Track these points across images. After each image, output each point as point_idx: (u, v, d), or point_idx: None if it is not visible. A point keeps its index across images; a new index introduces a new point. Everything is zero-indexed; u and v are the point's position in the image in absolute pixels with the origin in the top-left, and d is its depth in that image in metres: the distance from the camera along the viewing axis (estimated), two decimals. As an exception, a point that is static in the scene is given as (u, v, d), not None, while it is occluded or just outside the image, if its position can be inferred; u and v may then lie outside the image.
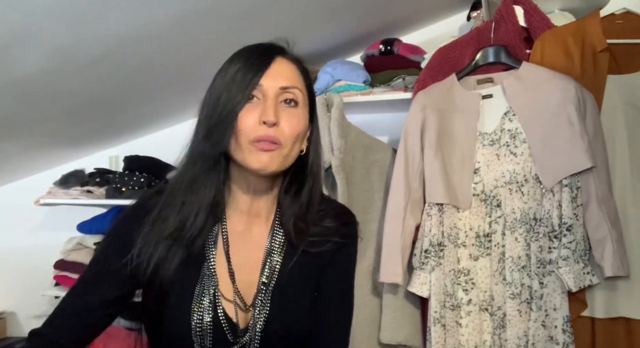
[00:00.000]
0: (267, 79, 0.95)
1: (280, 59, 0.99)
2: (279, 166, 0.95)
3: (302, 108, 0.99)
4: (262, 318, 0.97)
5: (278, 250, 1.03)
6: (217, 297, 0.97)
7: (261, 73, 0.95)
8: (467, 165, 1.76)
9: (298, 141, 0.98)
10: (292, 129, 0.95)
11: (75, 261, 2.45)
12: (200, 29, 1.73)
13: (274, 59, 0.98)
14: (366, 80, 2.15)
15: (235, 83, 0.94)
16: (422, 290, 1.76)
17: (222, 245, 1.01)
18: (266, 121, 0.92)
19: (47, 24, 1.45)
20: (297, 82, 0.98)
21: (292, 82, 0.97)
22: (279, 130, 0.94)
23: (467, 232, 1.75)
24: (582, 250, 1.61)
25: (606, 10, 1.72)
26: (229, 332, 0.96)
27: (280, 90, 0.96)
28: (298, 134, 0.97)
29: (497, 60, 1.80)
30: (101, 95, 2.04)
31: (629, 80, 1.67)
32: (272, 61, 0.97)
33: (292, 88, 0.97)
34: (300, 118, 0.97)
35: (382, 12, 2.12)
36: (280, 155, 0.95)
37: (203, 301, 0.96)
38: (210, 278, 0.98)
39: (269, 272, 1.01)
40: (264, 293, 0.99)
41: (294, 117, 0.96)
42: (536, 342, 1.62)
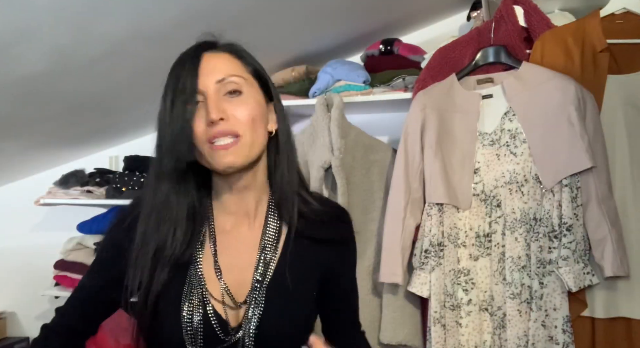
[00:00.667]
0: (201, 78, 0.94)
1: (208, 55, 0.97)
2: (245, 158, 0.95)
3: (248, 92, 0.97)
4: (257, 315, 0.96)
5: (271, 247, 1.02)
6: (205, 297, 0.97)
7: (194, 76, 0.94)
8: (467, 165, 1.76)
9: (257, 125, 0.96)
10: (244, 115, 0.94)
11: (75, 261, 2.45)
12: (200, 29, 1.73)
13: (202, 57, 0.96)
14: (366, 80, 2.15)
15: (176, 96, 0.94)
16: (422, 290, 1.76)
17: (210, 246, 1.01)
18: (211, 120, 0.91)
19: (47, 23, 1.45)
20: (233, 69, 0.97)
21: (226, 72, 0.95)
22: (231, 123, 0.93)
23: (467, 232, 1.75)
24: (582, 250, 1.61)
25: (606, 10, 1.72)
26: (220, 331, 0.96)
27: (217, 85, 0.94)
28: (253, 119, 0.95)
29: (497, 60, 1.81)
30: (101, 95, 2.04)
31: (629, 80, 1.67)
32: (200, 60, 0.96)
33: (229, 77, 0.95)
34: (249, 103, 0.96)
35: (382, 12, 2.12)
36: (242, 146, 0.93)
37: (192, 301, 0.96)
38: (198, 279, 0.98)
39: (263, 269, 1.00)
40: (257, 291, 0.98)
41: (241, 104, 0.95)
42: (536, 342, 1.62)
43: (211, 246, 1.01)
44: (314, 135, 2.03)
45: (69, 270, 2.46)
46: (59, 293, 2.48)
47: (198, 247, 1.00)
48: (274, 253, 1.01)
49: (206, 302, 0.97)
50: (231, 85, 0.95)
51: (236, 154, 0.93)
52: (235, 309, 0.98)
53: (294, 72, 2.20)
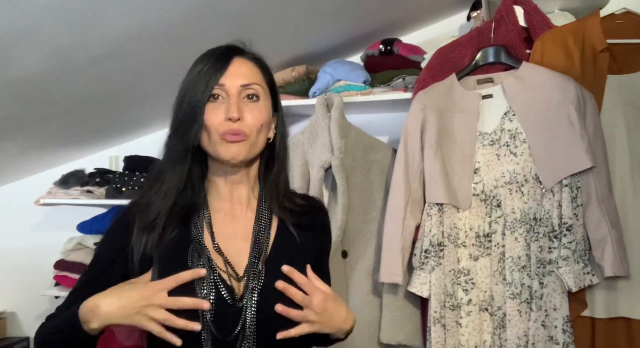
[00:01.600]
0: (228, 78, 1.06)
1: (238, 59, 1.09)
2: (247, 155, 1.06)
3: (263, 101, 1.09)
4: (258, 287, 1.03)
5: (264, 232, 1.10)
6: (213, 266, 1.04)
7: (220, 74, 1.06)
8: (467, 165, 1.76)
9: (262, 131, 1.08)
10: (256, 120, 1.06)
11: (75, 261, 2.45)
12: (200, 29, 1.73)
13: (232, 59, 1.08)
14: (366, 80, 2.15)
15: (199, 84, 1.06)
16: (422, 290, 1.76)
17: (207, 227, 1.09)
18: (230, 117, 1.03)
19: (47, 24, 1.45)
20: (256, 78, 1.09)
21: (251, 79, 1.08)
22: (243, 124, 1.05)
23: (467, 232, 1.75)
24: (582, 250, 1.61)
25: (606, 10, 1.72)
26: (229, 299, 1.02)
27: (241, 88, 1.06)
28: (261, 125, 1.07)
29: (497, 60, 1.81)
30: (101, 95, 2.04)
31: (629, 80, 1.67)
32: (231, 62, 1.08)
33: (252, 84, 1.07)
34: (262, 110, 1.08)
35: (382, 12, 2.12)
36: (247, 144, 1.05)
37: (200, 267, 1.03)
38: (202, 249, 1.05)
39: (258, 249, 1.07)
40: (256, 266, 1.05)
41: (256, 110, 1.07)
42: (536, 342, 1.62)
43: (208, 229, 1.09)
44: (314, 135, 2.03)
45: (69, 270, 2.46)
46: (59, 293, 2.48)
47: (197, 230, 1.08)
48: (267, 238, 1.10)
49: (213, 269, 1.03)
50: (252, 91, 1.08)
51: (241, 149, 1.05)
52: (239, 281, 1.04)
53: (294, 72, 2.20)
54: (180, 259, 1.05)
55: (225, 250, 1.07)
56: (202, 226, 1.09)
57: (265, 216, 1.12)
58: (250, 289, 1.02)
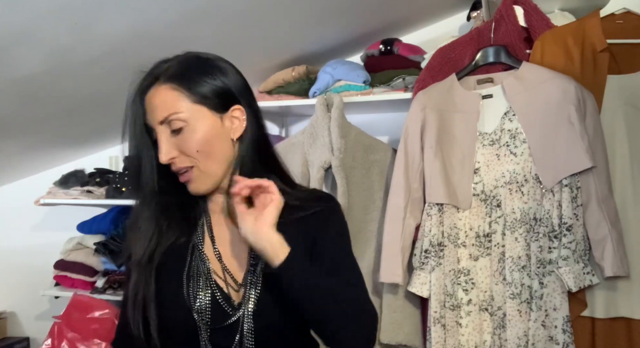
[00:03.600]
0: (149, 119, 1.02)
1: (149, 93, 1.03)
2: (207, 183, 1.03)
3: (193, 123, 1.00)
4: (254, 295, 1.01)
5: None
6: (210, 276, 1.03)
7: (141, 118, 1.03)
8: (467, 165, 1.77)
9: (211, 149, 1.01)
10: (191, 147, 1.00)
11: (75, 261, 2.46)
12: (200, 29, 1.73)
13: (143, 97, 1.03)
14: (366, 80, 2.15)
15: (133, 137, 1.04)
16: (422, 290, 1.76)
17: (208, 232, 1.08)
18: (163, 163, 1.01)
19: (47, 24, 1.46)
20: (173, 106, 1.00)
21: (166, 111, 1.00)
22: (179, 160, 1.01)
23: (467, 232, 1.75)
24: (582, 250, 1.61)
25: (606, 10, 1.72)
26: (226, 306, 1.01)
27: (162, 126, 1.01)
28: (201, 146, 1.00)
29: (497, 60, 1.80)
30: (101, 95, 2.04)
31: (629, 80, 1.67)
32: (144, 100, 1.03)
33: (168, 117, 1.00)
34: (193, 133, 1.00)
35: (382, 12, 2.12)
36: (197, 176, 1.02)
37: (198, 280, 1.03)
38: (202, 258, 1.05)
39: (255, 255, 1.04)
40: (253, 273, 1.03)
41: (187, 140, 1.00)
42: (536, 342, 1.62)
43: (209, 235, 1.08)
44: (314, 135, 2.03)
45: (68, 270, 2.46)
46: (59, 293, 2.48)
47: (198, 237, 1.08)
48: None
49: (210, 279, 1.03)
50: (173, 124, 1.00)
51: (196, 183, 1.03)
52: (237, 290, 1.03)
53: (294, 72, 2.20)
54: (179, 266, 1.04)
55: (225, 257, 1.06)
56: (204, 231, 1.08)
57: None
58: (247, 298, 1.01)
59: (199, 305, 1.00)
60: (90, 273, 2.44)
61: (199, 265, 1.04)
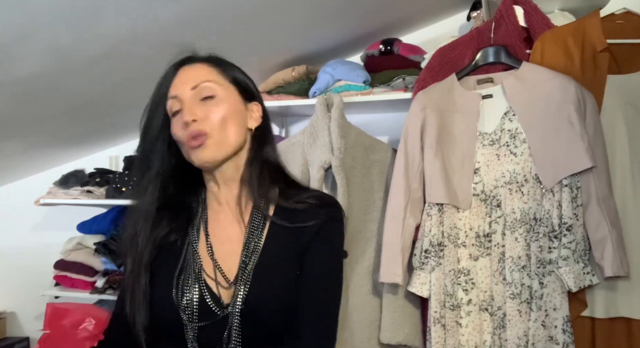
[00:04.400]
0: (177, 88, 1.05)
1: (184, 68, 1.08)
2: (216, 155, 1.04)
3: (222, 96, 1.05)
4: (243, 294, 1.01)
5: (257, 231, 1.07)
6: (200, 274, 1.04)
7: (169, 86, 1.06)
8: (467, 165, 1.77)
9: (229, 123, 1.05)
10: (215, 115, 1.03)
11: (75, 261, 2.46)
12: (200, 29, 1.73)
13: (178, 71, 1.08)
14: (366, 80, 2.15)
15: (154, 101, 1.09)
16: (422, 290, 1.76)
17: (203, 232, 1.09)
18: (185, 122, 1.02)
19: (47, 24, 1.45)
20: (207, 76, 1.06)
21: (200, 79, 1.05)
22: (199, 123, 1.02)
23: (467, 232, 1.75)
24: (582, 250, 1.61)
25: (606, 10, 1.72)
26: (215, 307, 1.02)
27: (192, 91, 1.04)
28: (223, 118, 1.04)
29: (497, 60, 1.80)
30: (101, 95, 2.04)
31: (629, 80, 1.67)
32: (176, 74, 1.07)
33: (202, 83, 1.05)
34: (221, 105, 1.04)
35: (382, 12, 2.12)
36: (212, 143, 1.03)
37: (188, 279, 1.04)
38: (194, 257, 1.06)
39: (248, 252, 1.05)
40: (244, 272, 1.03)
41: (213, 106, 1.04)
42: (536, 342, 1.62)
43: (204, 233, 1.09)
44: (314, 135, 2.03)
45: (69, 270, 2.46)
46: (59, 293, 2.48)
47: (194, 234, 1.09)
48: (259, 239, 1.07)
49: (201, 279, 1.04)
50: (205, 91, 1.05)
51: (207, 151, 1.03)
52: (227, 288, 1.04)
53: (294, 72, 2.20)
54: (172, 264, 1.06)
55: (218, 254, 1.07)
56: (199, 228, 1.10)
57: (257, 217, 1.08)
58: (236, 297, 1.02)
59: (186, 304, 1.01)
60: (90, 273, 2.44)
61: (191, 263, 1.06)
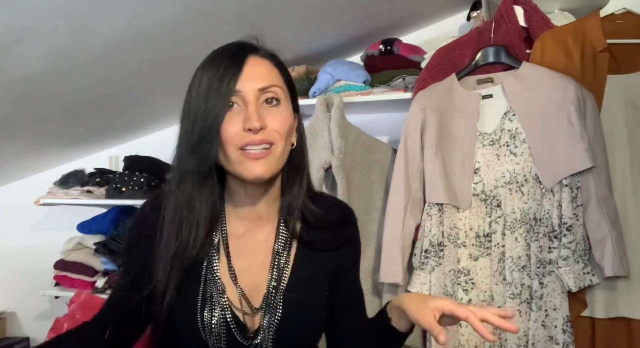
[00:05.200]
0: (244, 83, 0.92)
1: (253, 58, 0.95)
2: (274, 170, 0.94)
3: (284, 104, 0.96)
4: (275, 321, 0.96)
5: (284, 252, 1.01)
6: (223, 301, 0.96)
7: (236, 78, 0.92)
8: (467, 165, 1.76)
9: (288, 137, 0.96)
10: (281, 127, 0.93)
11: (75, 261, 2.46)
12: (200, 29, 1.73)
13: (247, 59, 0.94)
14: (366, 80, 2.15)
15: (212, 93, 0.91)
16: (422, 290, 1.75)
17: (223, 250, 1.00)
18: (251, 128, 0.90)
19: (47, 24, 1.45)
20: (275, 79, 0.96)
21: (269, 81, 0.94)
22: (267, 132, 0.92)
23: (467, 232, 1.75)
24: (582, 250, 1.61)
25: (606, 10, 1.72)
26: (240, 335, 0.95)
27: (259, 93, 0.93)
28: (287, 131, 0.95)
29: (497, 60, 1.80)
30: (101, 95, 2.04)
31: (629, 80, 1.67)
32: (245, 63, 0.94)
33: (271, 87, 0.94)
34: (284, 115, 0.95)
35: (382, 12, 2.12)
36: (273, 158, 0.93)
37: (213, 305, 0.96)
38: (216, 284, 0.97)
39: (277, 275, 0.99)
40: (274, 296, 0.98)
41: (279, 115, 0.94)
42: (536, 342, 1.62)
43: (225, 250, 1.00)
44: (314, 135, 2.03)
45: (68, 270, 2.46)
46: (59, 293, 2.48)
47: (213, 251, 0.99)
48: (287, 258, 1.01)
49: (225, 306, 0.96)
50: (272, 94, 0.94)
51: (268, 165, 0.92)
52: (252, 314, 0.98)
53: (294, 72, 2.20)
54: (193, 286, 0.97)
55: (241, 277, 0.99)
56: (219, 246, 1.00)
57: (284, 235, 1.02)
58: (267, 325, 0.95)
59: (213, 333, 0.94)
60: (90, 273, 2.44)
61: (213, 289, 0.96)
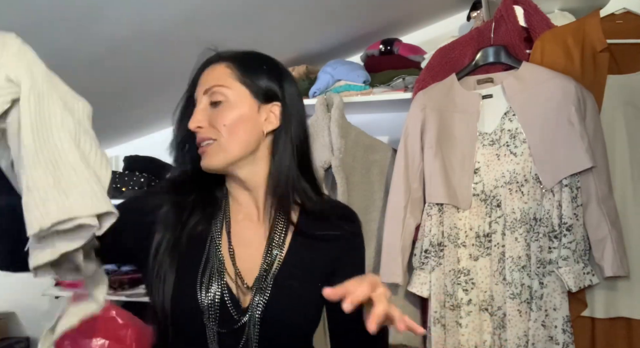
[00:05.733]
0: (197, 91, 1.06)
1: (207, 69, 1.07)
2: (223, 159, 1.03)
3: (233, 100, 1.03)
4: (263, 302, 1.00)
5: (279, 240, 1.06)
6: (223, 274, 1.01)
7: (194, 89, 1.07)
8: (467, 165, 1.77)
9: (239, 128, 1.03)
10: (222, 120, 1.02)
11: (75, 261, 2.45)
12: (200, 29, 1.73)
13: (203, 71, 1.07)
14: (366, 80, 2.15)
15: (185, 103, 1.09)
16: (422, 290, 1.76)
17: (225, 231, 1.06)
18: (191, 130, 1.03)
19: (47, 24, 1.45)
20: (219, 79, 1.04)
21: (212, 83, 1.04)
22: (206, 130, 1.02)
23: (467, 232, 1.75)
24: (582, 250, 1.61)
25: (606, 10, 1.72)
26: (232, 309, 1.00)
27: (205, 96, 1.04)
28: (231, 122, 1.02)
29: (497, 60, 1.80)
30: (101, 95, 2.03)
31: (629, 80, 1.67)
32: (201, 75, 1.07)
33: (213, 87, 1.04)
34: (229, 110, 1.03)
35: (382, 12, 2.12)
36: (218, 149, 1.02)
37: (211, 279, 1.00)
38: (216, 254, 1.03)
39: (270, 259, 1.04)
40: (265, 279, 1.02)
41: (220, 112, 1.03)
42: (536, 342, 1.62)
43: (227, 231, 1.07)
44: (313, 135, 2.03)
45: (69, 270, 2.45)
46: (59, 293, 2.48)
47: (217, 230, 1.06)
48: (281, 246, 1.05)
49: (223, 280, 1.01)
50: (215, 96, 1.04)
51: (211, 157, 1.03)
52: (245, 292, 1.02)
53: (294, 72, 2.20)
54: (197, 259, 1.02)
55: (239, 257, 1.04)
56: (222, 225, 1.07)
57: (281, 222, 1.06)
58: (255, 304, 1.00)
59: (209, 304, 0.99)
60: (90, 273, 2.44)
61: (214, 262, 1.02)
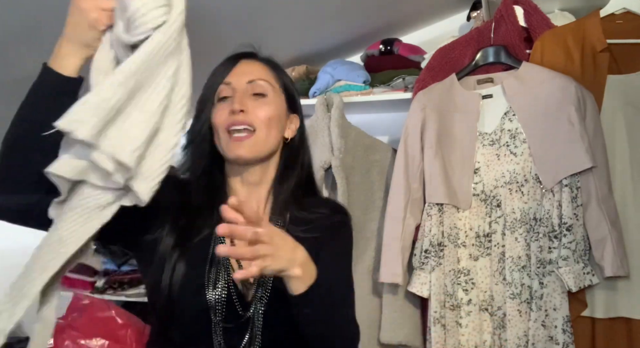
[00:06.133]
0: (234, 77, 1.07)
1: (246, 61, 1.11)
2: (257, 152, 1.05)
3: (272, 98, 1.08)
4: (265, 296, 1.02)
5: None
6: (228, 271, 1.02)
7: (227, 73, 1.08)
8: (467, 165, 1.77)
9: (273, 126, 1.06)
10: (263, 113, 1.05)
11: (75, 261, 2.45)
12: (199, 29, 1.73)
13: (239, 61, 1.10)
14: (366, 80, 2.15)
15: (208, 86, 1.09)
16: (422, 290, 1.76)
17: None
18: (233, 110, 1.03)
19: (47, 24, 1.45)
20: (264, 75, 1.09)
21: (257, 76, 1.08)
22: (248, 115, 1.03)
23: (467, 232, 1.75)
24: (582, 250, 1.61)
25: (606, 10, 1.72)
26: (239, 306, 1.01)
27: (247, 85, 1.06)
28: (270, 118, 1.05)
29: (497, 60, 1.81)
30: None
31: (629, 80, 1.67)
32: (238, 63, 1.09)
33: (258, 80, 1.07)
34: (270, 105, 1.07)
35: (382, 12, 2.12)
36: (254, 140, 1.04)
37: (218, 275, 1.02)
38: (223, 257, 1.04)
39: None
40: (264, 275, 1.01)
41: (263, 105, 1.06)
42: (536, 342, 1.62)
43: None
44: (313, 135, 2.03)
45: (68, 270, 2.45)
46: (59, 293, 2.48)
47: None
48: None
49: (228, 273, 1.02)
50: (259, 88, 1.07)
51: (249, 147, 1.04)
52: (249, 287, 1.04)
53: (294, 72, 2.20)
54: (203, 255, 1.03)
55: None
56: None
57: (278, 222, 1.08)
58: (258, 298, 1.01)
59: (216, 299, 1.00)
60: (90, 273, 2.44)
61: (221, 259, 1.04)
